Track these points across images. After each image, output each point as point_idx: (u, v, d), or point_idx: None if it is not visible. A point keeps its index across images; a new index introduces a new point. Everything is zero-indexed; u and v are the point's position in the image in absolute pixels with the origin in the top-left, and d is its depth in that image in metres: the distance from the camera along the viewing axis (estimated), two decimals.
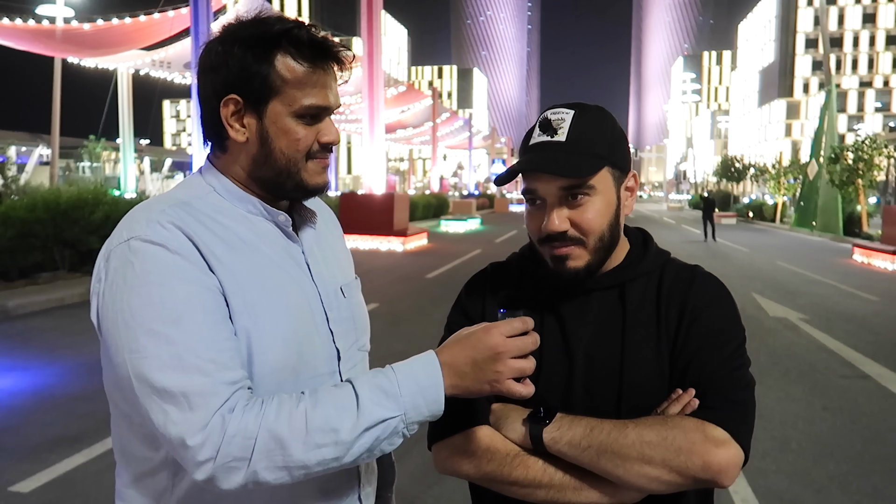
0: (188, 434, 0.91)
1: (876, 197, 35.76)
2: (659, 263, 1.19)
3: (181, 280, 0.97)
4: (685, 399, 1.06)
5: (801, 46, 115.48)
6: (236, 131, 1.07)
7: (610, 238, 1.13)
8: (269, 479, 0.93)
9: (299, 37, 1.05)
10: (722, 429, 1.02)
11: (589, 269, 1.13)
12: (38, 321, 7.92)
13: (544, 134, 1.10)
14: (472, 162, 55.89)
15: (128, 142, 31.20)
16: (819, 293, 11.25)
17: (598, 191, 1.10)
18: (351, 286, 1.23)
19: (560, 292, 1.17)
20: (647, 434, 1.01)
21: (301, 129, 1.06)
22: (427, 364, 0.98)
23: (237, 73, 1.04)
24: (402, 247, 17.45)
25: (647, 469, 1.00)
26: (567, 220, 1.09)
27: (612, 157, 1.12)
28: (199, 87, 1.09)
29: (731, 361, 1.09)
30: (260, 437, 0.92)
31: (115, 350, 0.97)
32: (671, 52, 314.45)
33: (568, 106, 1.12)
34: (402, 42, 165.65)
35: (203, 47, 1.09)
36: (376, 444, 0.96)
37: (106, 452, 3.99)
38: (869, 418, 4.98)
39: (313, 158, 1.09)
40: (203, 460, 0.91)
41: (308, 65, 1.05)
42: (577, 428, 1.04)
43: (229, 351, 0.97)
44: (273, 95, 1.05)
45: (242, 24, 1.07)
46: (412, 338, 7.16)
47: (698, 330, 1.10)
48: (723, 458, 1.00)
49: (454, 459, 1.12)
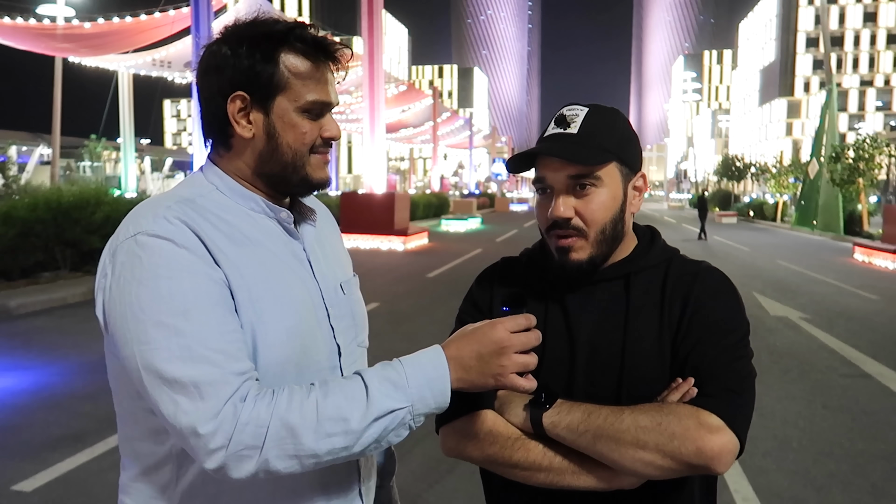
0: (200, 423, 0.92)
1: (877, 196, 35.76)
2: (665, 258, 1.22)
3: (189, 273, 0.99)
4: (684, 388, 1.08)
5: (802, 45, 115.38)
6: (243, 128, 1.09)
7: (612, 232, 1.16)
8: (280, 468, 0.95)
9: (303, 35, 1.09)
10: (717, 416, 1.03)
11: (592, 262, 1.16)
12: (39, 321, 7.93)
13: (558, 127, 1.16)
14: (473, 161, 55.90)
15: (128, 141, 31.21)
16: (820, 292, 11.26)
17: (604, 183, 1.14)
18: (350, 283, 1.26)
19: (566, 283, 1.20)
20: (642, 419, 1.04)
21: (306, 123, 1.10)
22: (434, 357, 1.01)
23: (244, 70, 1.07)
24: (402, 246, 17.45)
25: (642, 454, 1.02)
26: (572, 208, 1.14)
27: (621, 153, 1.16)
28: (201, 88, 1.12)
29: (732, 352, 1.11)
30: (272, 425, 0.93)
31: (124, 343, 0.98)
32: (672, 51, 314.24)
33: (584, 105, 1.18)
34: (403, 41, 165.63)
35: (204, 49, 1.12)
36: (384, 435, 0.98)
37: (108, 451, 4.00)
38: (869, 417, 4.99)
39: (316, 153, 1.13)
40: (215, 448, 0.92)
41: (311, 62, 1.09)
42: (576, 413, 1.07)
43: (237, 342, 0.99)
44: (279, 91, 1.08)
45: (245, 24, 1.10)
46: (413, 337, 7.17)
47: (700, 321, 1.13)
48: (716, 444, 1.01)
49: (460, 442, 1.15)
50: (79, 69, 27.43)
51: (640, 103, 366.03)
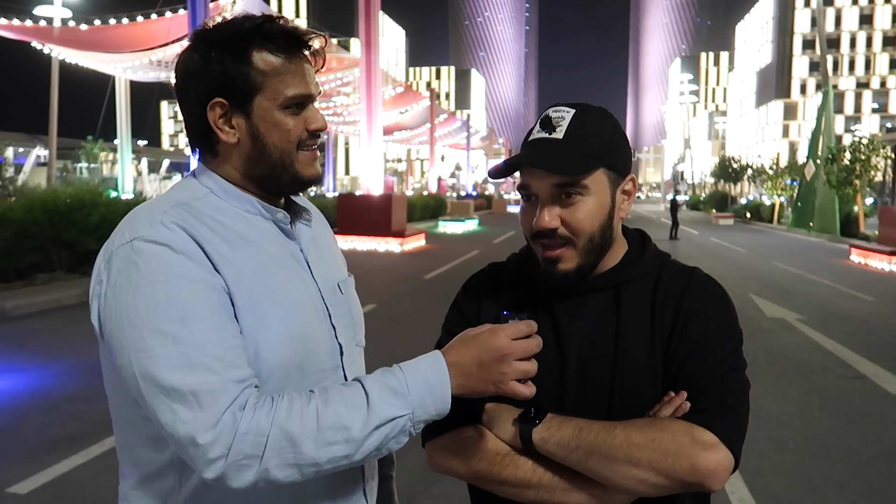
0: (198, 432, 0.91)
1: (873, 198, 35.82)
2: (656, 265, 1.18)
3: (186, 279, 0.97)
4: (677, 402, 1.05)
5: (799, 47, 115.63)
6: (226, 133, 1.07)
7: (601, 240, 1.12)
8: (280, 477, 0.93)
9: (271, 30, 1.06)
10: (711, 432, 1.00)
11: (580, 272, 1.12)
12: (35, 322, 7.91)
13: (543, 131, 1.11)
14: (470, 163, 55.91)
15: (125, 142, 31.14)
16: (816, 294, 11.27)
17: (591, 191, 1.09)
18: (347, 283, 1.25)
19: (556, 293, 1.16)
20: (635, 436, 1.00)
21: (290, 119, 1.08)
22: (434, 363, 1.00)
23: (217, 76, 1.05)
24: (399, 247, 17.44)
25: (635, 471, 0.99)
26: (558, 217, 1.09)
27: (609, 158, 1.11)
28: (180, 98, 1.10)
29: (725, 364, 1.07)
30: (272, 434, 0.92)
31: (120, 351, 0.97)
32: (669, 53, 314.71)
33: (571, 105, 1.12)
34: (400, 43, 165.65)
35: (178, 57, 1.10)
36: (385, 443, 0.97)
37: (104, 454, 3.99)
38: (865, 418, 4.99)
39: (304, 148, 1.10)
40: (214, 458, 0.91)
41: (284, 56, 1.07)
42: (567, 428, 1.04)
43: (236, 349, 0.98)
44: (257, 92, 1.06)
45: (213, 28, 1.08)
46: (410, 338, 7.16)
47: (692, 332, 1.09)
48: (711, 461, 0.98)
49: (446, 458, 1.12)
50: (76, 70, 27.37)
51: (637, 105, 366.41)
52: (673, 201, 26.61)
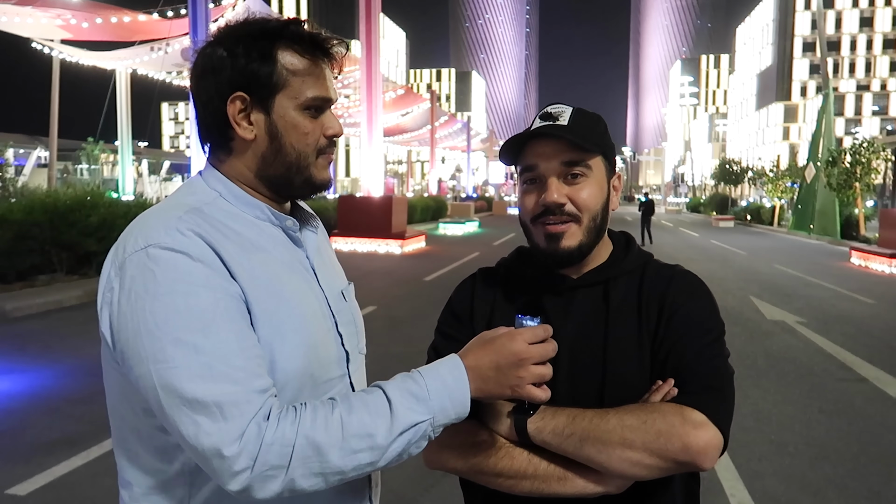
0: (224, 444, 0.89)
1: (873, 200, 35.82)
2: (640, 263, 1.24)
3: (205, 288, 0.95)
4: (665, 389, 1.09)
5: (799, 50, 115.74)
6: (244, 129, 1.06)
7: (601, 222, 1.20)
8: (305, 487, 0.93)
9: (298, 32, 1.08)
10: (700, 412, 1.04)
11: (581, 250, 1.18)
12: (35, 324, 7.91)
13: (545, 121, 1.17)
14: (471, 165, 55.91)
15: (126, 144, 31.14)
16: (816, 296, 11.27)
17: (594, 173, 1.18)
18: (349, 290, 1.25)
19: (546, 290, 1.21)
20: (627, 419, 1.04)
21: (308, 122, 1.08)
22: (453, 368, 1.00)
23: (242, 70, 1.05)
24: (400, 249, 17.44)
25: (629, 453, 1.03)
26: (565, 195, 1.16)
27: (606, 149, 1.20)
28: (197, 92, 1.09)
29: (709, 351, 1.12)
30: (297, 444, 0.91)
31: (138, 361, 0.94)
32: (669, 56, 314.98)
33: (566, 105, 1.21)
34: (401, 45, 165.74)
35: (198, 52, 1.09)
36: (407, 448, 0.97)
37: (103, 455, 3.99)
38: (866, 421, 4.99)
39: (323, 154, 1.11)
40: (240, 470, 0.89)
41: (308, 58, 1.08)
42: (560, 417, 1.07)
43: (257, 358, 0.96)
44: (279, 90, 1.06)
45: (239, 24, 1.08)
46: (410, 340, 7.16)
47: (677, 323, 1.14)
48: (702, 439, 1.02)
49: (441, 453, 1.14)
50: (77, 71, 27.40)
51: (637, 107, 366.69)
52: (645, 203, 22.98)
